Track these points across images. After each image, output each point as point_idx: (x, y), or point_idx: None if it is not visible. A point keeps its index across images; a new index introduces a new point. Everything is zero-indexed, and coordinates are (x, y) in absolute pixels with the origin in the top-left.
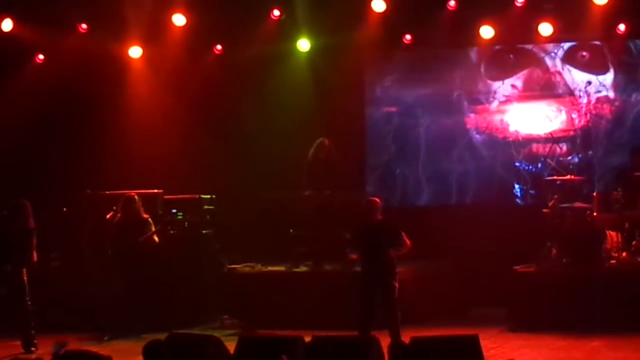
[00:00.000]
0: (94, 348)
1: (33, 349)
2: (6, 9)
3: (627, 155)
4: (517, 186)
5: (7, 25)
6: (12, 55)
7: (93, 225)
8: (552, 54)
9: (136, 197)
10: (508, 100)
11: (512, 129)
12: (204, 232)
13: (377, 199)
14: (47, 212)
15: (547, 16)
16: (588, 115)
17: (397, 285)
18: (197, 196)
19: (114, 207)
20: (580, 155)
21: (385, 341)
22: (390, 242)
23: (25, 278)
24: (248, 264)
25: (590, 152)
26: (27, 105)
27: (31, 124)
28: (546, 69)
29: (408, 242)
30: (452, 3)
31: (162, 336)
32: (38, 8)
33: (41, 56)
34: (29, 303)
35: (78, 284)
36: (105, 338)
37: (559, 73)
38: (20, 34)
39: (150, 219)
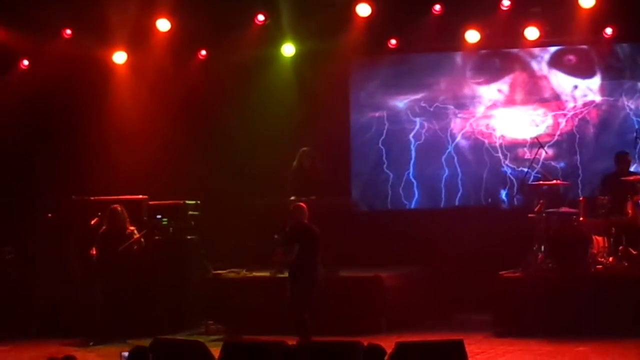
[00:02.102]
0: (79, 353)
1: None
2: None
3: (613, 159)
4: (503, 191)
5: None
6: None
7: (78, 231)
8: (539, 58)
9: (121, 208)
10: (494, 105)
11: (498, 133)
12: (188, 237)
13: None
14: (31, 218)
15: (533, 20)
16: (574, 120)
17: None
18: (181, 202)
19: (99, 213)
20: (566, 160)
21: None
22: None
23: None
24: (233, 269)
25: (576, 157)
26: (12, 111)
27: (16, 129)
28: (532, 73)
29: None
30: (437, 7)
31: (147, 341)
32: (22, 13)
33: (26, 62)
34: None
35: (63, 289)
36: (91, 343)
37: (545, 77)
38: (4, 39)
39: (135, 231)
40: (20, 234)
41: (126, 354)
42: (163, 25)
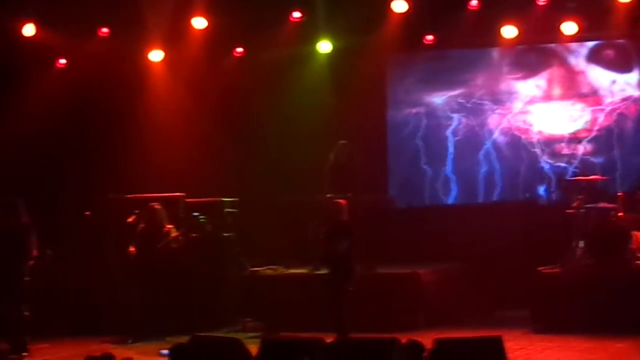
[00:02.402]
0: (118, 350)
1: (24, 353)
2: (28, 14)
3: None
4: (541, 186)
5: (29, 30)
6: (34, 60)
7: (115, 229)
8: (576, 53)
9: (159, 207)
10: (531, 100)
11: (535, 129)
12: (225, 235)
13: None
14: (69, 215)
15: (571, 15)
16: (612, 115)
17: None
18: (218, 199)
19: (136, 211)
20: (604, 155)
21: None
22: None
23: (18, 279)
24: (270, 266)
25: (614, 152)
26: (50, 109)
27: (53, 128)
28: (570, 69)
29: None
30: (473, 3)
31: (185, 339)
32: (59, 13)
33: (63, 60)
34: (23, 306)
35: (102, 287)
36: (129, 341)
37: (583, 72)
38: (42, 38)
39: (173, 229)
40: (59, 232)
41: (165, 351)
42: (199, 23)
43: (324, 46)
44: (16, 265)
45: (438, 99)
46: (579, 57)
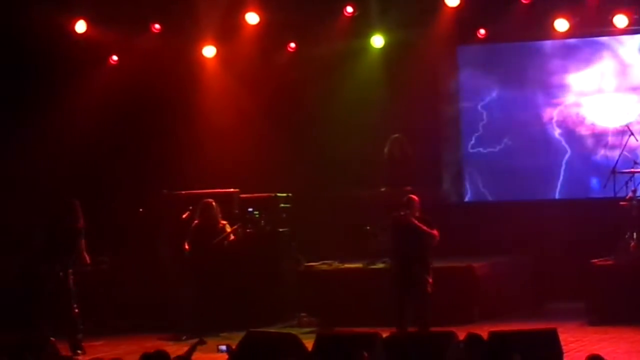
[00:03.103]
0: (173, 347)
1: (79, 351)
2: (79, 11)
3: None
4: (594, 179)
5: (81, 27)
6: (86, 57)
7: (169, 226)
8: (628, 46)
9: (214, 203)
10: (583, 93)
11: (588, 121)
12: (280, 230)
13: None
14: (123, 212)
15: (622, 7)
16: None
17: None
18: (273, 194)
19: (190, 207)
20: None
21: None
22: None
23: (71, 280)
24: (325, 261)
25: None
26: (103, 106)
27: (106, 125)
28: (622, 61)
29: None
30: None
31: (241, 334)
32: (111, 9)
33: (115, 57)
34: (75, 306)
35: (155, 284)
36: (184, 337)
37: (636, 64)
38: (94, 35)
39: (227, 225)
40: (115, 231)
41: (224, 347)
42: (252, 18)
43: (377, 41)
44: (65, 266)
45: (491, 92)
46: (631, 50)
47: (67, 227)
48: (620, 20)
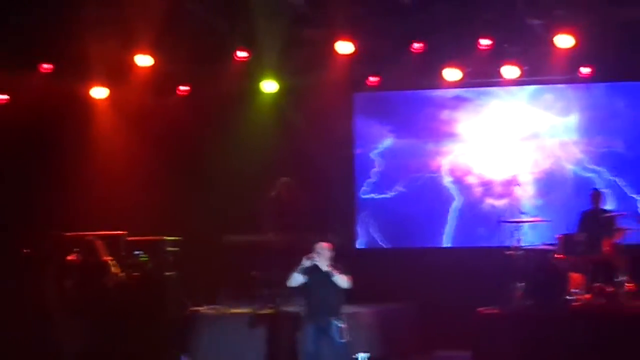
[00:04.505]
0: None
1: None
2: None
3: (589, 197)
4: (481, 228)
5: None
6: None
7: (56, 267)
8: (518, 96)
9: (96, 240)
10: (472, 142)
11: (476, 171)
12: (167, 273)
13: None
14: (7, 253)
15: (512, 59)
16: (552, 158)
17: None
18: (160, 238)
19: (76, 249)
20: (544, 197)
21: None
22: None
23: None
24: (212, 306)
25: (554, 194)
26: None
27: None
28: (511, 112)
29: None
30: (416, 45)
31: None
32: (0, 48)
33: (5, 96)
34: None
35: (40, 326)
36: None
37: (524, 115)
38: None
39: (111, 261)
40: None
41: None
42: (143, 60)
43: (269, 86)
44: None
45: (385, 139)
46: (519, 100)
47: None
48: (510, 71)
